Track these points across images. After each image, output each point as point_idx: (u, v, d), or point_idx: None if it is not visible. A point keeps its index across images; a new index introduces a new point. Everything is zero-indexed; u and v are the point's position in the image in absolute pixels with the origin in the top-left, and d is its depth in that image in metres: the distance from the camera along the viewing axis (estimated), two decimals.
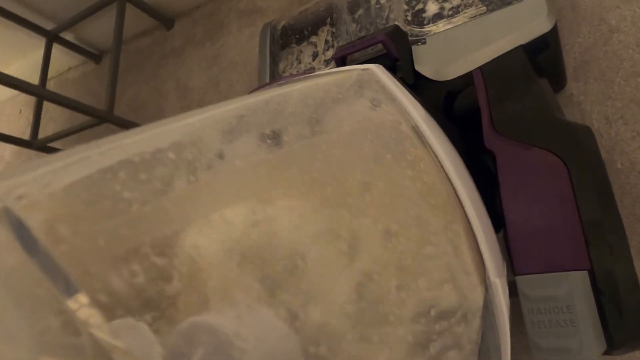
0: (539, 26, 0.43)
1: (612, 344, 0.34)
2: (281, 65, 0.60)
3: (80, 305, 0.22)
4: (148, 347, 0.24)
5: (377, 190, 0.30)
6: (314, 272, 0.27)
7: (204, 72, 1.09)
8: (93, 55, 1.40)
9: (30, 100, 1.45)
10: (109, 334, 0.23)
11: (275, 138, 0.30)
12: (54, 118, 1.38)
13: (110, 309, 0.23)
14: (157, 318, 0.24)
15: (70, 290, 0.22)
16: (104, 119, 1.03)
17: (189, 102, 1.09)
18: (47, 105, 1.25)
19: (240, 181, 0.29)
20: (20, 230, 0.22)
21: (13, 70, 0.98)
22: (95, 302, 0.23)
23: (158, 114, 1.13)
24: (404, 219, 0.30)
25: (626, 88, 0.53)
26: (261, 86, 0.44)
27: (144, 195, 0.26)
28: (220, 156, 0.29)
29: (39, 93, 1.02)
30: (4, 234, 0.22)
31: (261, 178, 0.29)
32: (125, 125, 1.08)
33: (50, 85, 1.43)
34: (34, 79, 1.21)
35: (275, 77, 0.59)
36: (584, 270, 0.35)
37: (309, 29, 0.60)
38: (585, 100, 0.55)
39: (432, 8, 0.50)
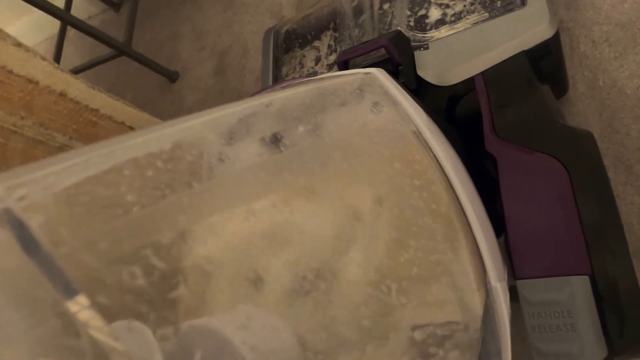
0: (541, 32, 0.43)
1: (613, 350, 0.34)
2: (284, 70, 0.60)
3: (81, 307, 0.22)
4: (147, 349, 0.24)
5: (385, 199, 0.30)
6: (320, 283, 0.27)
7: (219, 15, 1.15)
8: (113, 3, 1.45)
9: (50, 47, 1.49)
10: (108, 336, 0.22)
11: (276, 141, 0.30)
12: (73, 63, 1.42)
13: (110, 311, 0.23)
14: (157, 320, 0.24)
15: (70, 292, 0.22)
16: (122, 50, 1.08)
17: (203, 45, 1.15)
18: (65, 50, 1.30)
19: (240, 184, 0.29)
20: (21, 232, 0.22)
21: (34, 16, 0.99)
22: (95, 304, 0.23)
23: (174, 57, 1.21)
24: (412, 229, 0.30)
25: (613, 13, 0.58)
26: (263, 89, 0.44)
27: (145, 197, 0.26)
28: (221, 159, 0.29)
29: (63, 16, 1.05)
30: (4, 235, 0.22)
31: (262, 181, 0.29)
32: (141, 60, 1.12)
33: (70, 34, 1.50)
34: (55, 26, 1.29)
35: (277, 81, 0.60)
36: (585, 275, 0.34)
37: (312, 33, 0.60)
38: (574, 26, 0.60)
39: (434, 14, 0.50)
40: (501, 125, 0.40)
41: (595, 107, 0.56)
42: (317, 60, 0.58)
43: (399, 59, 0.46)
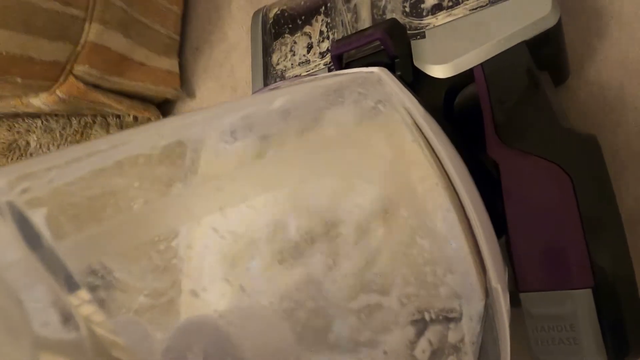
0: (544, 21, 0.44)
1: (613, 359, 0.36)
2: (274, 57, 0.61)
3: (82, 301, 0.24)
4: (148, 344, 0.25)
5: (386, 199, 0.32)
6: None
7: None
8: None
9: None
10: (109, 330, 0.24)
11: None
12: None
13: (111, 306, 0.25)
14: (158, 316, 0.26)
15: (72, 286, 0.24)
16: None
17: None
18: None
19: (241, 182, 0.30)
20: (23, 225, 0.24)
21: None
22: (96, 299, 0.25)
23: None
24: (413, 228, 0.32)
25: None
26: (266, 87, 0.45)
27: (147, 193, 0.28)
28: (222, 157, 0.31)
29: None
30: (6, 228, 0.24)
31: (263, 179, 0.31)
32: None
33: None
34: None
35: (268, 69, 0.60)
36: (588, 288, 0.36)
37: (303, 18, 0.60)
38: None
39: None
40: (503, 127, 0.42)
41: None
42: (309, 47, 0.58)
43: (394, 51, 0.47)
